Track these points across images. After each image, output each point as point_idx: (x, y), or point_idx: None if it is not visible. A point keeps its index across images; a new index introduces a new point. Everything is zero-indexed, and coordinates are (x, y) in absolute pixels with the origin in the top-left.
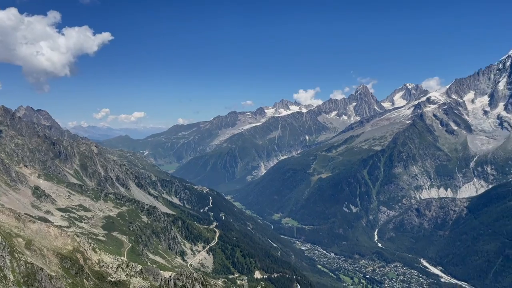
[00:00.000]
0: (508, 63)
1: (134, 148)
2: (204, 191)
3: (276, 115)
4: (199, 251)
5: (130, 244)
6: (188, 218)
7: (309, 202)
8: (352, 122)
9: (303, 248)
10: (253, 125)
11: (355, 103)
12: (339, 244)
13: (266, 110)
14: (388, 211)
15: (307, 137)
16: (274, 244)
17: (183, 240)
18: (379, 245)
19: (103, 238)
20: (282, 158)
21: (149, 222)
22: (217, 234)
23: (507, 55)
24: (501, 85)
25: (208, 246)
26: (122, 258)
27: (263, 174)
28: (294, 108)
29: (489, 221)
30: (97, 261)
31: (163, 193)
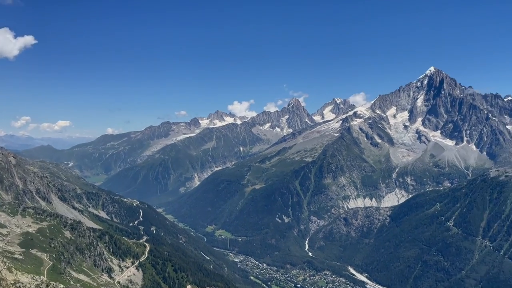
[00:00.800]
0: (425, 82)
1: (58, 159)
2: (134, 204)
3: (211, 126)
4: (128, 267)
5: (51, 262)
6: (116, 233)
7: (243, 213)
8: (285, 134)
9: (236, 259)
10: (187, 135)
11: (287, 116)
12: (272, 255)
13: (200, 121)
14: (318, 220)
15: (241, 148)
16: (207, 257)
17: (110, 256)
18: (310, 254)
19: (20, 257)
20: (216, 169)
21: (72, 238)
22: (147, 248)
23: (424, 75)
24: (419, 101)
25: (138, 262)
26: (42, 277)
27: (197, 185)
28: (229, 120)
29: (409, 229)
30: (12, 282)
31: (89, 207)
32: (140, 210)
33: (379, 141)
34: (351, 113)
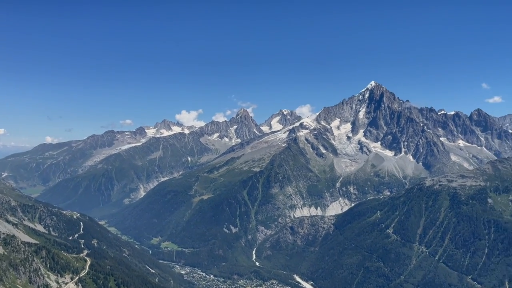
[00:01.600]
0: (366, 95)
1: None
2: (75, 217)
3: (158, 136)
4: (67, 283)
5: None
6: (54, 247)
7: (190, 224)
8: (233, 144)
9: (183, 272)
10: (133, 145)
11: (236, 126)
12: (219, 266)
13: (147, 130)
14: (266, 230)
15: (189, 158)
16: (152, 270)
17: (48, 272)
18: (257, 263)
19: None
20: (163, 179)
21: (5, 253)
22: (88, 263)
23: (365, 88)
24: (361, 114)
25: (77, 277)
26: None
27: (142, 196)
28: (177, 129)
29: (352, 236)
30: None
31: (24, 220)
32: (81, 223)
33: (324, 151)
34: (297, 124)
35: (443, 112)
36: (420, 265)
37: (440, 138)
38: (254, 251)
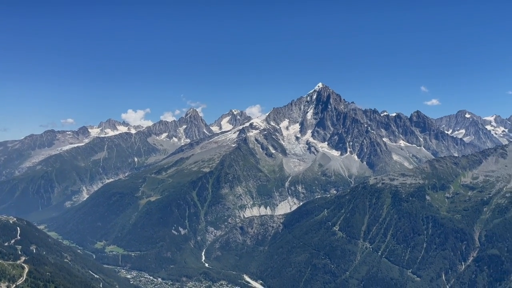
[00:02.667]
0: (314, 97)
1: None
2: (11, 221)
3: (102, 136)
4: None
5: None
6: None
7: (137, 227)
8: (183, 144)
9: (129, 276)
10: (75, 145)
11: (185, 126)
12: (167, 268)
13: (90, 130)
14: (215, 231)
15: (136, 159)
16: (96, 276)
17: None
18: (206, 265)
19: None
20: (108, 181)
21: None
22: (26, 270)
23: (313, 90)
24: (309, 115)
25: (14, 285)
26: None
27: (85, 199)
28: (122, 129)
29: (300, 234)
30: None
31: None
32: (18, 228)
33: (274, 151)
34: (247, 124)
35: (385, 113)
36: (364, 261)
37: (383, 139)
38: (203, 253)
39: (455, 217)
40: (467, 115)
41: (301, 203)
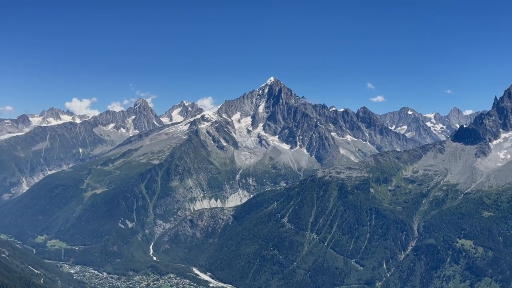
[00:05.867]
0: (266, 90)
1: None
2: None
3: (44, 125)
4: None
5: None
6: None
7: (81, 220)
8: (131, 135)
9: (72, 271)
10: (14, 134)
11: (134, 117)
12: (113, 262)
13: (31, 119)
14: (164, 224)
15: (80, 150)
16: (36, 271)
17: None
18: (154, 258)
19: None
20: (50, 173)
21: None
22: None
23: (265, 84)
24: (261, 108)
25: None
26: None
27: (25, 191)
28: (67, 118)
29: (250, 226)
30: None
31: None
32: None
33: (225, 144)
34: (199, 116)
35: (334, 109)
36: (311, 251)
37: (331, 133)
38: (151, 246)
39: (396, 208)
40: (410, 112)
41: (251, 196)
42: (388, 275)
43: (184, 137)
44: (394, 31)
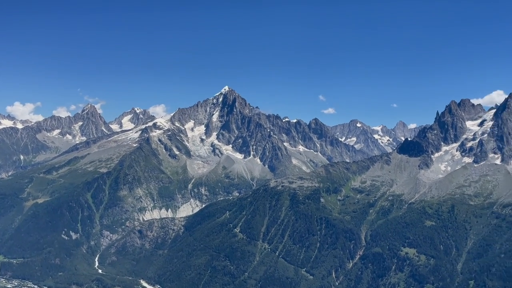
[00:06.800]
0: (220, 99)
1: None
2: None
3: None
4: None
5: None
6: None
7: (20, 231)
8: (78, 142)
9: (9, 286)
10: None
11: (81, 123)
12: (55, 276)
13: None
14: (111, 235)
15: (22, 157)
16: None
17: None
18: (100, 271)
19: None
20: None
21: None
22: None
23: (219, 92)
24: (215, 117)
25: None
26: None
27: None
28: (7, 123)
29: (201, 237)
30: None
31: None
32: None
33: (177, 153)
34: (150, 124)
35: (287, 119)
36: (262, 261)
37: (284, 143)
38: (97, 258)
39: (345, 218)
40: (358, 125)
41: (203, 206)
42: (337, 283)
43: (135, 145)
44: (344, 43)
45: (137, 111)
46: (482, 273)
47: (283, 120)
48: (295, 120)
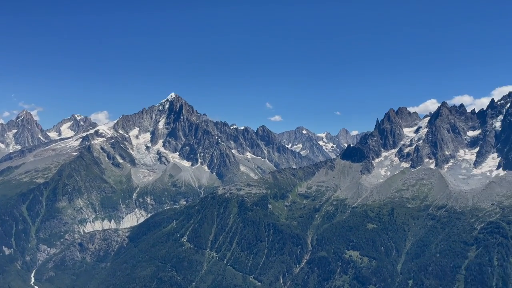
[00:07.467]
0: (166, 106)
1: None
2: None
3: None
4: None
5: None
6: None
7: None
8: (11, 151)
9: None
10: None
11: (15, 130)
12: None
13: None
14: (49, 249)
15: None
16: None
17: None
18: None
19: None
20: None
21: None
22: None
23: (166, 99)
24: (161, 124)
25: None
26: None
27: None
28: None
29: (147, 248)
30: None
31: None
32: None
33: (121, 161)
34: (92, 131)
35: (235, 126)
36: (210, 270)
37: (232, 150)
38: (33, 274)
39: (292, 223)
40: (304, 132)
41: (149, 215)
42: None
43: (75, 154)
44: (290, 52)
45: (78, 118)
46: (419, 273)
47: (231, 127)
48: (242, 127)
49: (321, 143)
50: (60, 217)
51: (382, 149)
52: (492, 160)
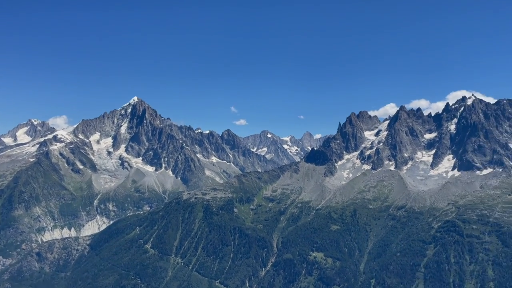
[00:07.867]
0: (129, 110)
1: None
2: None
3: None
4: None
5: None
6: None
7: None
8: None
9: None
10: None
11: None
12: None
13: None
14: (4, 259)
15: None
16: None
17: None
18: None
19: None
20: None
21: None
22: None
23: (128, 103)
24: (123, 129)
25: None
26: None
27: None
28: None
29: (109, 256)
30: None
31: None
32: None
33: (81, 167)
34: (50, 136)
35: (199, 130)
36: (175, 276)
37: (197, 155)
38: None
39: (258, 227)
40: (269, 135)
41: (111, 222)
42: None
43: (32, 160)
44: (255, 56)
45: (35, 123)
46: (381, 272)
47: (196, 132)
48: (207, 131)
49: (285, 146)
50: (16, 226)
51: (344, 152)
52: (448, 161)
